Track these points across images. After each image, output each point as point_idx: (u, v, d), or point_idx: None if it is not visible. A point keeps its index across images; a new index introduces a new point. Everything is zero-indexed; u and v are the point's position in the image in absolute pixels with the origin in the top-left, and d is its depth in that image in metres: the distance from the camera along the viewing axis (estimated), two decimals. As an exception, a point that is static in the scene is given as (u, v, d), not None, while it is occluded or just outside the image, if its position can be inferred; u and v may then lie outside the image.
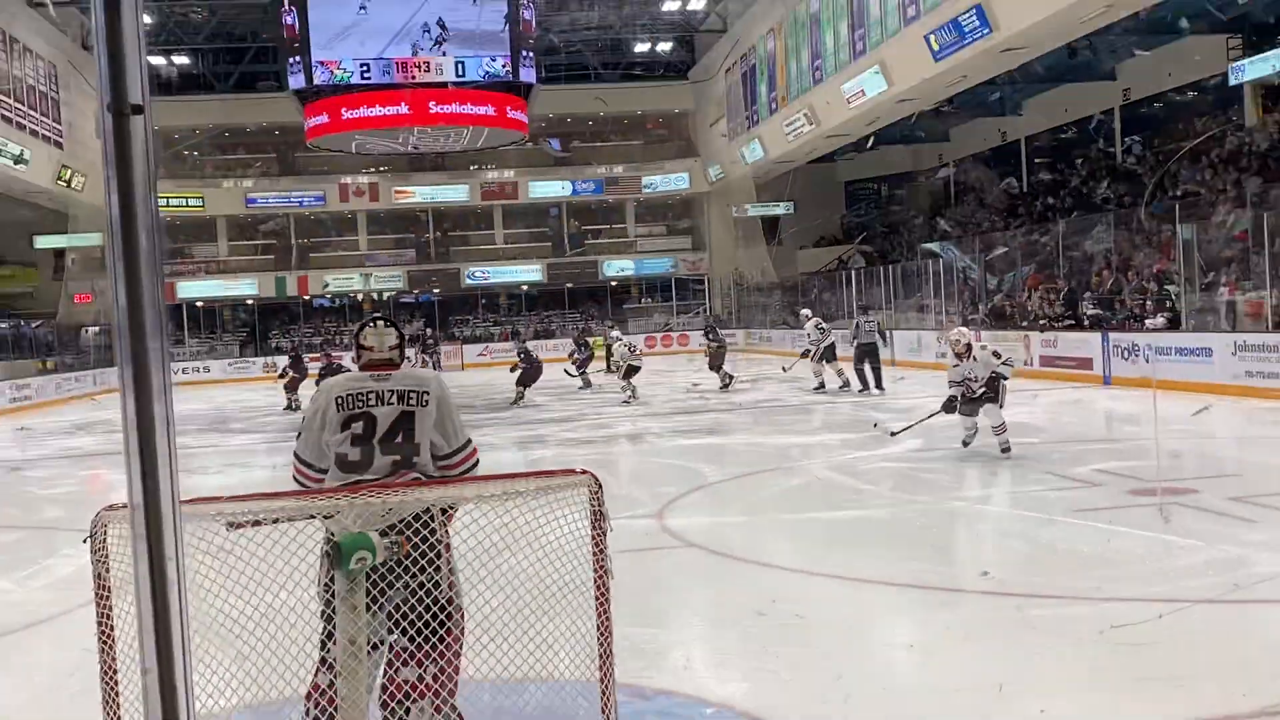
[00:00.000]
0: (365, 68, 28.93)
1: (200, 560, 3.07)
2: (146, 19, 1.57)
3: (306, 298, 42.13)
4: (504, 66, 29.44)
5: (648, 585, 6.32)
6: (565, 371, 22.75)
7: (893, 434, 11.73)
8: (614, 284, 44.49)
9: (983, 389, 10.40)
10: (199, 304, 41.05)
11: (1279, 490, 8.63)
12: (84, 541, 3.34)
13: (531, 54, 30.05)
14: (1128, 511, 7.92)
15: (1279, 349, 14.81)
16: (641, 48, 40.02)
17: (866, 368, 18.37)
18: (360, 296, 43.39)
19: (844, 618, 5.76)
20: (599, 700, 3.51)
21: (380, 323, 4.12)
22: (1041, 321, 21.34)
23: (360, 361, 4.06)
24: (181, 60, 38.55)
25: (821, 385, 19.49)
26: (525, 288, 44.27)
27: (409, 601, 3.51)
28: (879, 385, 18.28)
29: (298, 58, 28.81)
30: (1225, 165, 23.00)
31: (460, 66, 29.25)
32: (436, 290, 42.98)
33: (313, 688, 3.69)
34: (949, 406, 10.70)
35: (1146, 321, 18.44)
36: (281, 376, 22.44)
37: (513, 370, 20.40)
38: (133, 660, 3.14)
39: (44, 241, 37.27)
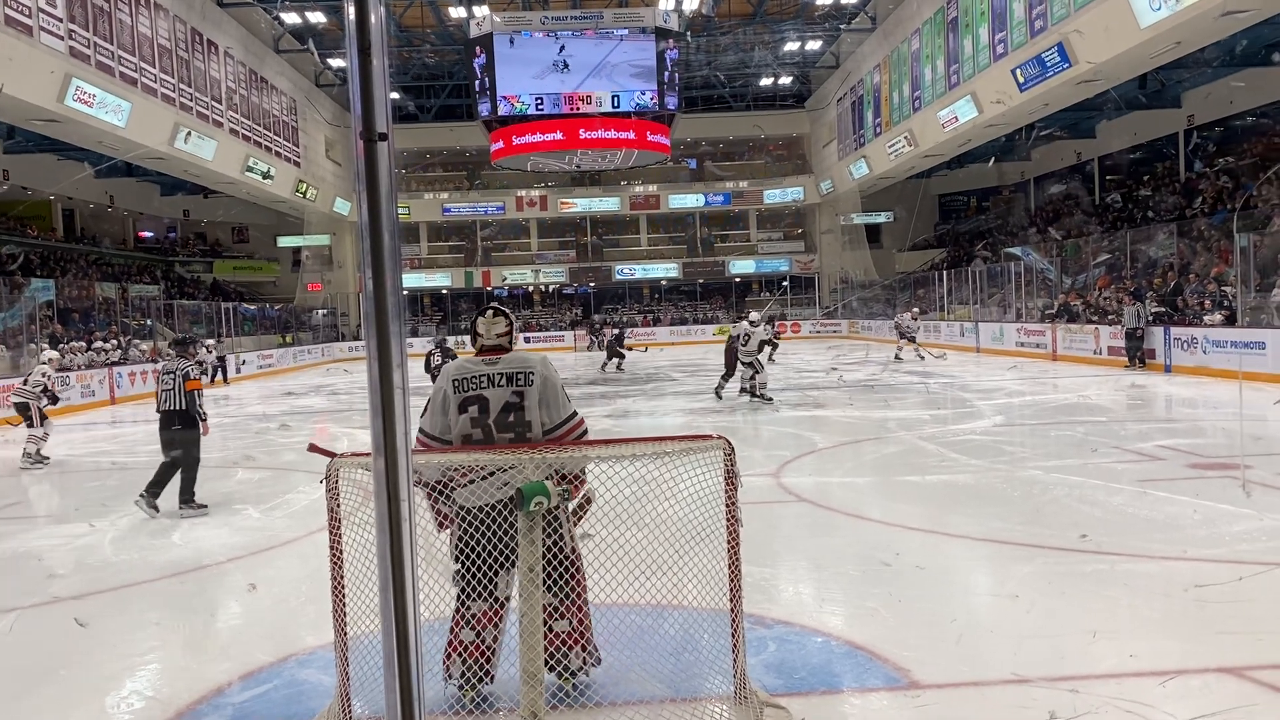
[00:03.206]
0: (539, 100, 29.24)
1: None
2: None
3: (489, 288, 43.04)
4: (651, 99, 29.39)
5: (766, 533, 6.27)
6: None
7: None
8: (738, 280, 44.22)
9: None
10: (404, 292, 42.25)
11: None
12: (319, 483, 3.46)
13: (675, 87, 29.90)
14: (1189, 483, 7.53)
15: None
16: (765, 81, 39.60)
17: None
18: (531, 288, 44.24)
19: (938, 567, 5.56)
20: (729, 625, 3.46)
21: (490, 313, 3.85)
22: (1110, 316, 20.40)
23: (475, 347, 3.84)
24: (394, 95, 39.63)
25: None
26: (664, 282, 44.48)
27: (549, 562, 3.41)
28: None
29: (485, 93, 29.27)
30: (1283, 181, 21.61)
31: (615, 99, 29.32)
32: (592, 284, 43.53)
33: (454, 647, 3.62)
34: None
35: (1205, 318, 17.48)
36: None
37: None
38: (358, 577, 3.27)
39: (284, 241, 39.01)
